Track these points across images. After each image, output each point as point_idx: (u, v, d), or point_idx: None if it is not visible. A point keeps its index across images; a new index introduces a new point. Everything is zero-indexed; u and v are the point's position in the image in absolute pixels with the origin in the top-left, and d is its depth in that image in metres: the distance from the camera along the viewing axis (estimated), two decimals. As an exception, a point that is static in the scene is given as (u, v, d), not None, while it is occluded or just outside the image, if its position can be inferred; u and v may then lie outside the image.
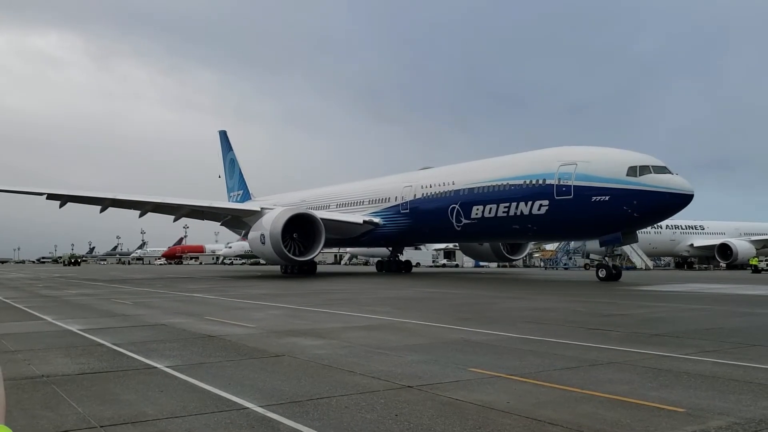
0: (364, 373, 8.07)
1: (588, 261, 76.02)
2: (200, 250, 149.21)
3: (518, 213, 34.85)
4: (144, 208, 47.22)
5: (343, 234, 45.97)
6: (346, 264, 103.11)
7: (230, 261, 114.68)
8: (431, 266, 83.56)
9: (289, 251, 39.90)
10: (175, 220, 49.78)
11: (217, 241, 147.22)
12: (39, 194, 44.65)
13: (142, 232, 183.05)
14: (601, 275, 33.42)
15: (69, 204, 45.29)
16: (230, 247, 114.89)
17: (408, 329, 12.90)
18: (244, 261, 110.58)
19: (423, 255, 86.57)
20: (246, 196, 68.05)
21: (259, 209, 44.96)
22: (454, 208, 39.20)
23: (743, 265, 65.40)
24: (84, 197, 45.84)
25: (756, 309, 17.80)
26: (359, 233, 46.75)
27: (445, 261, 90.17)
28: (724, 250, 68.34)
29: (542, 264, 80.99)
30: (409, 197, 43.89)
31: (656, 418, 5.81)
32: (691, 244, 72.99)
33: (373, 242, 50.07)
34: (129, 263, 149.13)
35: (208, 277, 46.31)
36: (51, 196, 44.36)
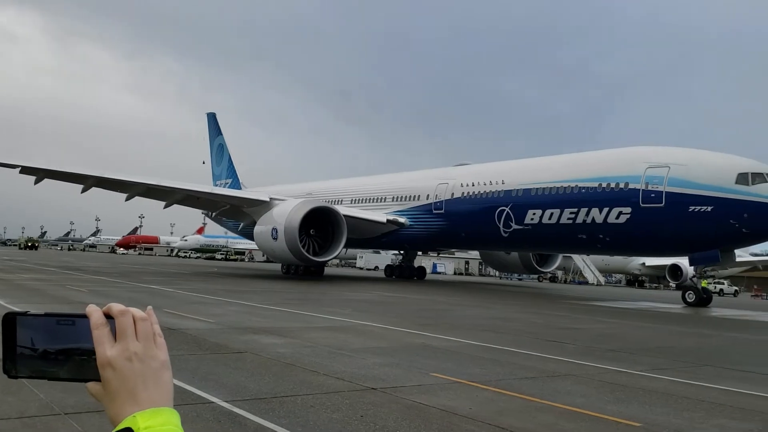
0: (328, 374, 8.11)
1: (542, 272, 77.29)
2: (155, 241, 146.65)
3: (588, 220, 30.06)
4: (133, 190, 41.09)
5: (361, 233, 40.44)
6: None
7: (186, 254, 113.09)
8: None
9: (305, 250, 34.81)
10: (166, 206, 43.83)
11: (172, 233, 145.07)
12: (12, 167, 38.12)
13: (97, 219, 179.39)
14: (689, 299, 28.66)
15: (18, 183, 40.27)
16: (186, 240, 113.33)
17: (370, 332, 12.98)
18: (199, 255, 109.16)
19: (382, 258, 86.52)
20: (236, 186, 60.54)
21: (268, 199, 38.93)
22: (504, 210, 34.01)
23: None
24: (65, 173, 39.51)
25: (706, 330, 18.35)
26: (380, 233, 41.60)
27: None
28: (675, 270, 70.11)
29: (498, 273, 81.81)
30: (445, 196, 38.34)
31: (614, 431, 5.99)
32: (643, 263, 74.56)
33: (395, 244, 45.23)
34: (85, 250, 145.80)
35: (173, 273, 45.59)
36: (25, 170, 38.37)
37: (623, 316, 22.14)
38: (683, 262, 69.43)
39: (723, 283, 66.56)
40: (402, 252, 48.84)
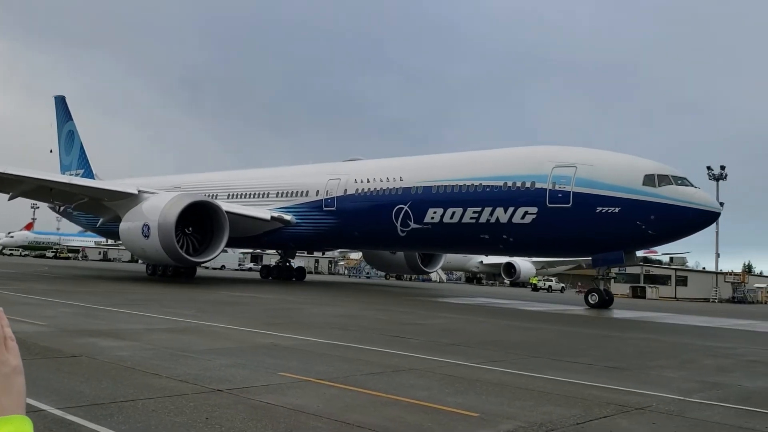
0: (171, 376, 7.85)
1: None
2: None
3: (492, 220, 28.91)
4: None
5: (242, 232, 36.96)
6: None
7: (9, 252, 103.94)
8: (237, 269, 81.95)
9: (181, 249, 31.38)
10: (10, 198, 37.96)
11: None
12: None
13: None
14: (591, 301, 28.11)
15: None
16: (12, 237, 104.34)
17: (215, 333, 12.69)
18: (27, 253, 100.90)
19: (229, 258, 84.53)
20: (89, 177, 53.82)
21: (137, 192, 34.75)
22: (402, 209, 32.33)
23: (524, 283, 71.83)
24: None
25: (534, 324, 19.76)
26: (262, 231, 38.63)
27: (251, 265, 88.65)
28: (509, 268, 74.44)
29: (346, 272, 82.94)
30: (337, 193, 36.00)
31: (453, 422, 6.31)
32: (481, 261, 78.57)
33: (279, 243, 42.39)
34: None
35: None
36: None
37: (464, 312, 23.28)
38: (517, 260, 74.44)
39: (551, 281, 71.65)
40: (280, 252, 46.33)
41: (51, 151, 60.25)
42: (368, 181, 34.90)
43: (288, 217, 37.95)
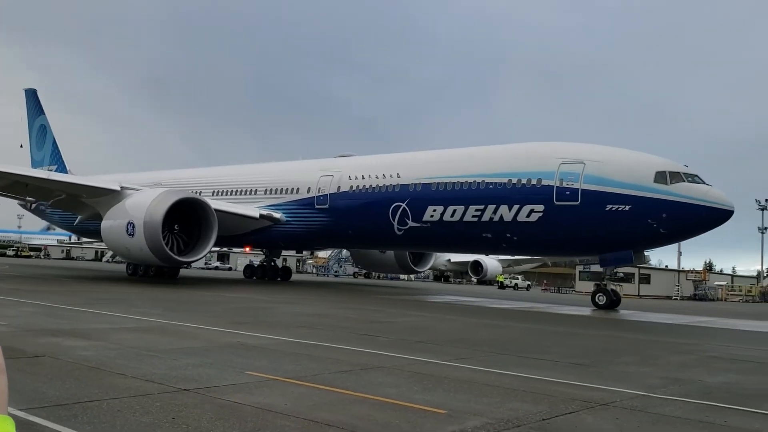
0: (137, 376, 7.76)
1: (357, 269, 79.42)
2: None
3: (495, 219, 27.88)
4: None
5: (228, 230, 35.32)
6: (108, 261, 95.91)
7: None
8: (203, 268, 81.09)
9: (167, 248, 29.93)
10: None
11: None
12: None
13: None
14: (599, 302, 27.23)
15: None
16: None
17: (183, 332, 12.56)
18: None
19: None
20: (62, 173, 50.53)
21: (119, 188, 33.20)
22: (399, 207, 31.14)
23: (491, 281, 72.43)
24: None
25: (501, 321, 19.95)
26: (250, 230, 37.30)
27: (218, 263, 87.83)
28: (476, 266, 74.97)
29: (314, 270, 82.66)
30: (330, 190, 34.64)
31: (421, 419, 6.35)
32: (449, 259, 79.05)
33: (268, 242, 40.58)
34: None
35: None
36: None
37: (432, 310, 23.42)
38: (484, 259, 75.03)
39: (518, 279, 72.38)
40: (264, 251, 45.01)
41: (21, 146, 58.28)
42: (363, 178, 33.65)
43: (278, 215, 36.75)
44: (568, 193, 25.77)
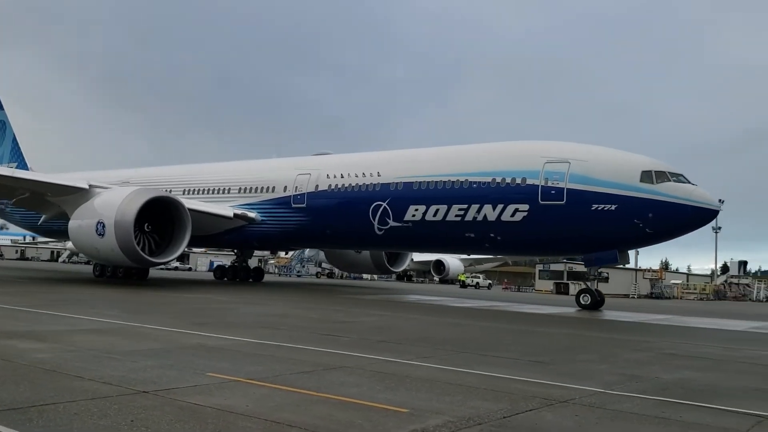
0: (94, 378, 7.61)
1: (320, 269, 79.13)
2: None
3: (479, 218, 27.57)
4: None
5: (203, 230, 34.37)
6: (64, 262, 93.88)
7: None
8: (161, 269, 79.64)
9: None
10: None
11: None
12: None
13: None
14: (584, 302, 27.53)
15: None
16: None
17: (142, 333, 12.36)
18: None
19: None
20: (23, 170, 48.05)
21: (87, 186, 31.93)
22: (380, 206, 30.52)
23: (453, 280, 72.93)
24: None
25: (462, 320, 20.11)
26: (223, 230, 36.29)
27: (177, 264, 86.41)
28: (439, 265, 75.40)
29: (276, 271, 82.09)
30: (307, 189, 33.82)
31: (383, 418, 6.36)
32: (411, 259, 79.43)
33: (242, 242, 39.30)
34: None
35: None
36: None
37: (395, 309, 23.47)
38: (446, 258, 75.47)
39: (479, 278, 73.01)
40: (235, 252, 44.05)
41: None
42: (342, 177, 32.92)
43: (252, 214, 35.88)
44: (553, 192, 25.66)
